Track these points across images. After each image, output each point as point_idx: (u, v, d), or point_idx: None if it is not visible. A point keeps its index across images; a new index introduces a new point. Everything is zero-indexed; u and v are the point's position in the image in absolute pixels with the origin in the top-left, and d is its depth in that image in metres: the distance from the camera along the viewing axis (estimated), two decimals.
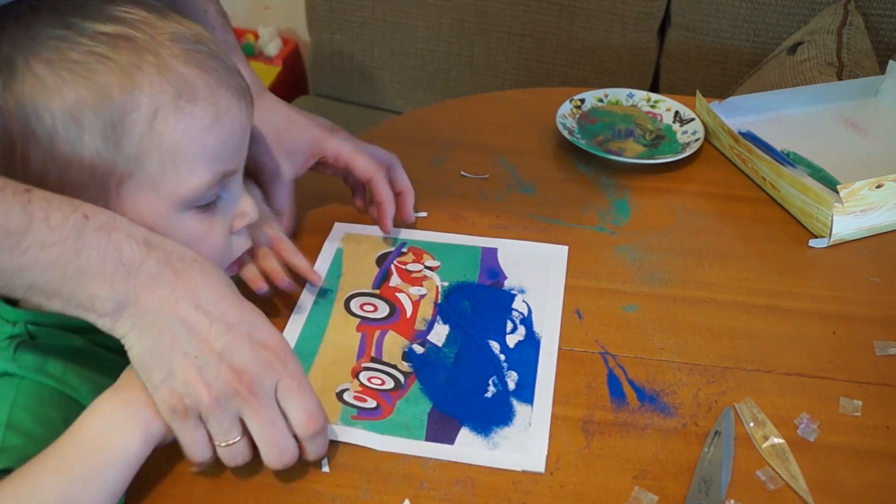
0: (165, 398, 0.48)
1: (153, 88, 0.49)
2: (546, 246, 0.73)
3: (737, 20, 1.39)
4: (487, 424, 0.57)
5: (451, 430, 0.56)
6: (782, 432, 0.56)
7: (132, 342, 0.48)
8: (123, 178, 0.51)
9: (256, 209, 0.59)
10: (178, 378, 0.48)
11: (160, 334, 0.48)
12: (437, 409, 0.58)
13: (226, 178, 0.55)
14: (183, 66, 0.50)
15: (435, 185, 0.81)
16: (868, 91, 0.93)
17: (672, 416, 0.58)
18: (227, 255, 0.58)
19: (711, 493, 0.52)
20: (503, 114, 0.94)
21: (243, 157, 0.57)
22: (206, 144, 0.52)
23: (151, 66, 0.49)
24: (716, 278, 0.70)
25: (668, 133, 0.89)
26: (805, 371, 0.61)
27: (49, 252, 0.45)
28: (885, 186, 0.71)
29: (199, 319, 0.48)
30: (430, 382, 0.60)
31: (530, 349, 0.63)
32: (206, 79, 0.51)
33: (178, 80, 0.50)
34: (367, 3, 1.58)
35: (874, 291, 0.69)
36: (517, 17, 1.52)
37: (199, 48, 0.52)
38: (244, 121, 0.55)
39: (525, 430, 0.56)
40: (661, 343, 0.64)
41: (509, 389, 0.60)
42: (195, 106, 0.51)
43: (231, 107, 0.53)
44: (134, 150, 0.50)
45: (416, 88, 1.64)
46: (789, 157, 0.80)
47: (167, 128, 0.50)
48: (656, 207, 0.79)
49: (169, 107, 0.50)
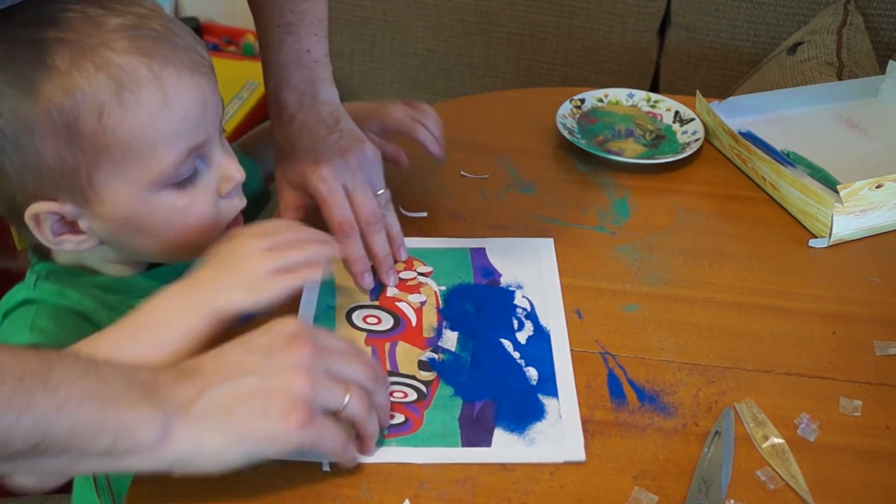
0: (286, 430, 0.47)
1: (92, 86, 0.50)
2: (532, 240, 0.73)
3: (737, 20, 1.39)
4: (520, 421, 0.57)
5: (485, 433, 0.56)
6: (782, 432, 0.56)
7: (205, 440, 0.47)
8: (91, 172, 0.52)
9: (241, 170, 0.60)
10: (274, 406, 0.47)
11: (221, 406, 0.47)
12: (466, 413, 0.57)
13: (197, 151, 0.56)
14: (121, 56, 0.51)
15: (435, 185, 0.81)
16: (868, 91, 0.93)
17: (672, 416, 0.58)
18: (216, 222, 0.60)
19: (711, 493, 0.52)
20: (503, 114, 0.94)
21: (212, 126, 0.57)
22: (160, 128, 0.53)
23: (88, 64, 0.50)
24: (716, 278, 0.70)
25: (668, 133, 0.89)
26: (805, 371, 0.61)
27: (79, 385, 0.43)
28: (885, 186, 0.71)
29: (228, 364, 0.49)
30: (453, 387, 0.59)
31: (542, 343, 0.63)
32: (149, 63, 0.52)
33: (117, 73, 0.50)
34: (367, 3, 1.58)
35: (874, 291, 0.69)
36: (517, 17, 1.52)
37: (140, 33, 0.52)
38: (201, 93, 0.55)
39: (557, 421, 0.57)
40: (661, 343, 0.64)
41: (532, 385, 0.59)
42: (139, 94, 0.51)
43: (181, 84, 0.53)
44: (92, 147, 0.51)
45: (416, 88, 1.64)
46: (789, 157, 0.80)
47: (116, 121, 0.51)
48: (656, 207, 0.79)
49: (112, 101, 0.50)
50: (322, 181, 0.65)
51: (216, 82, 0.57)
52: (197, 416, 0.46)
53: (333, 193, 0.65)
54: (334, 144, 0.67)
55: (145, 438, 0.45)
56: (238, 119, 1.65)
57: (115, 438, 0.44)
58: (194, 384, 0.47)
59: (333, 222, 0.65)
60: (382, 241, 0.67)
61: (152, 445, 0.45)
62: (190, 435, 0.46)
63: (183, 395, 0.47)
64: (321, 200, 0.65)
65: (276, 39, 0.71)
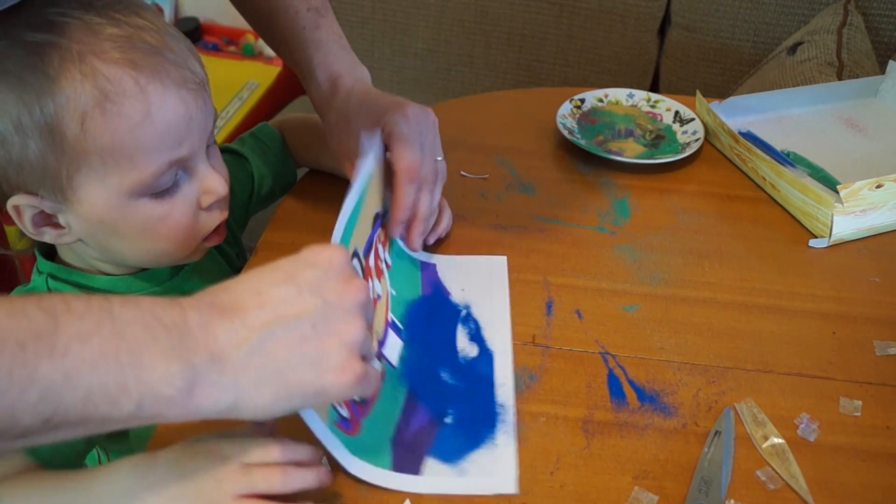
0: (339, 385, 0.44)
1: (77, 93, 0.51)
2: (484, 258, 0.71)
3: (737, 20, 1.39)
4: (452, 451, 0.55)
5: (416, 460, 0.54)
6: (782, 432, 0.56)
7: (249, 394, 0.42)
8: (71, 174, 0.53)
9: (225, 185, 0.60)
10: (330, 359, 0.43)
11: (269, 355, 0.42)
12: (400, 435, 0.55)
13: (180, 164, 0.56)
14: (110, 67, 0.51)
15: None
16: (868, 91, 0.93)
17: (672, 416, 0.58)
18: (192, 233, 0.60)
19: (711, 492, 0.52)
20: (503, 114, 0.94)
21: (197, 141, 0.57)
22: (140, 140, 0.53)
23: (75, 72, 0.51)
24: (716, 278, 0.70)
25: (668, 133, 0.89)
26: (805, 371, 0.61)
27: (91, 346, 0.38)
28: (885, 186, 0.71)
29: (275, 303, 0.43)
30: (389, 408, 0.57)
31: (484, 367, 0.61)
32: (136, 76, 0.52)
33: (102, 83, 0.51)
34: (367, 3, 1.58)
35: (874, 291, 0.69)
36: (517, 17, 1.52)
37: (132, 45, 0.52)
38: (185, 109, 0.55)
39: (492, 450, 0.55)
40: (661, 343, 0.64)
41: (469, 412, 0.57)
42: (122, 105, 0.52)
43: (167, 99, 0.53)
44: (73, 151, 0.52)
45: (416, 88, 1.64)
46: (789, 157, 0.80)
47: (98, 129, 0.52)
48: (656, 207, 0.79)
49: (95, 109, 0.51)
50: (406, 120, 0.65)
51: (208, 97, 0.58)
52: (240, 367, 0.42)
53: (412, 136, 0.64)
54: (410, 102, 0.67)
55: (174, 398, 0.40)
56: (238, 119, 1.65)
57: (140, 402, 0.39)
58: (234, 326, 0.42)
59: (402, 162, 0.63)
60: (430, 201, 0.67)
61: (182, 403, 0.41)
62: (229, 390, 0.42)
63: (222, 339, 0.42)
64: (399, 137, 0.64)
65: (310, 21, 0.71)
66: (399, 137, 0.64)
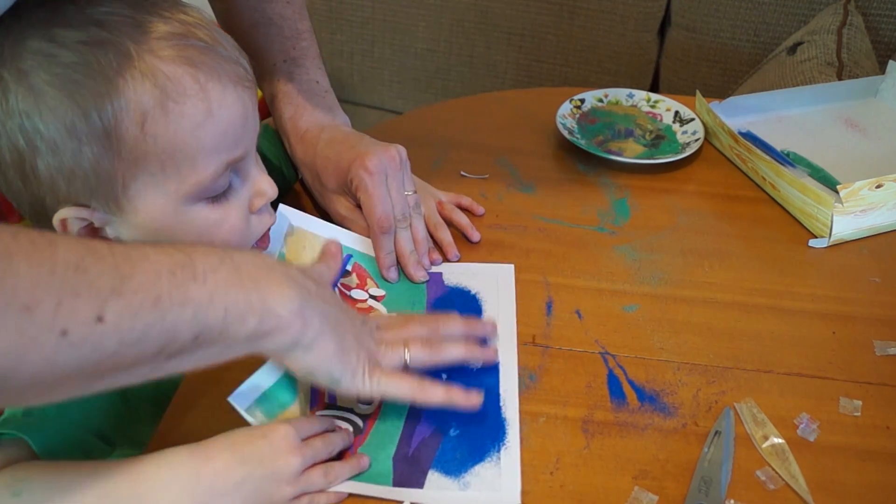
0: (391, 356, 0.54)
1: (137, 94, 0.49)
2: (491, 266, 0.70)
3: (737, 20, 1.39)
4: (456, 464, 0.54)
5: (419, 474, 0.53)
6: (782, 432, 0.56)
7: (318, 340, 0.49)
8: (127, 181, 0.51)
9: (274, 186, 0.59)
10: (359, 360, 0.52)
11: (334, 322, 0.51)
12: (402, 451, 0.55)
13: (234, 165, 0.55)
14: (168, 65, 0.50)
15: (435, 185, 0.81)
16: (868, 91, 0.93)
17: (672, 416, 0.58)
18: (246, 237, 0.59)
19: (711, 492, 0.52)
20: (503, 114, 0.94)
21: (250, 142, 0.56)
22: (202, 140, 0.51)
23: (134, 71, 0.49)
24: (716, 278, 0.70)
25: (668, 133, 0.89)
26: (805, 371, 0.61)
27: (220, 274, 0.45)
28: (884, 186, 0.71)
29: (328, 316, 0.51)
30: (391, 425, 0.57)
31: (490, 378, 0.60)
32: (195, 74, 0.51)
33: (163, 81, 0.49)
34: (367, 4, 1.58)
35: (874, 291, 0.69)
36: (517, 17, 1.52)
37: (187, 43, 0.51)
38: (243, 108, 0.54)
39: (496, 464, 0.54)
40: (660, 343, 0.64)
41: (473, 425, 0.56)
42: (184, 105, 0.50)
43: (226, 97, 0.52)
44: (131, 155, 0.50)
45: (416, 88, 1.64)
46: (789, 157, 0.80)
47: (159, 130, 0.50)
48: (656, 207, 0.79)
49: (157, 109, 0.49)
50: (368, 174, 0.66)
51: (257, 96, 0.57)
52: (321, 314, 0.50)
53: (378, 187, 0.66)
54: (373, 143, 0.68)
55: (285, 317, 0.47)
56: None
57: (261, 319, 0.46)
58: (317, 289, 0.51)
59: (374, 215, 0.66)
60: (408, 238, 0.69)
61: (289, 323, 0.47)
62: (314, 323, 0.49)
63: (312, 289, 0.50)
64: (364, 192, 0.66)
65: (285, 73, 0.72)
66: (364, 192, 0.66)
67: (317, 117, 0.71)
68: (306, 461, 0.51)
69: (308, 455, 0.51)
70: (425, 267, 0.69)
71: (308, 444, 0.51)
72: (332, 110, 0.73)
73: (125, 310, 0.39)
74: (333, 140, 0.70)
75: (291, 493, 0.50)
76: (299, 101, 0.71)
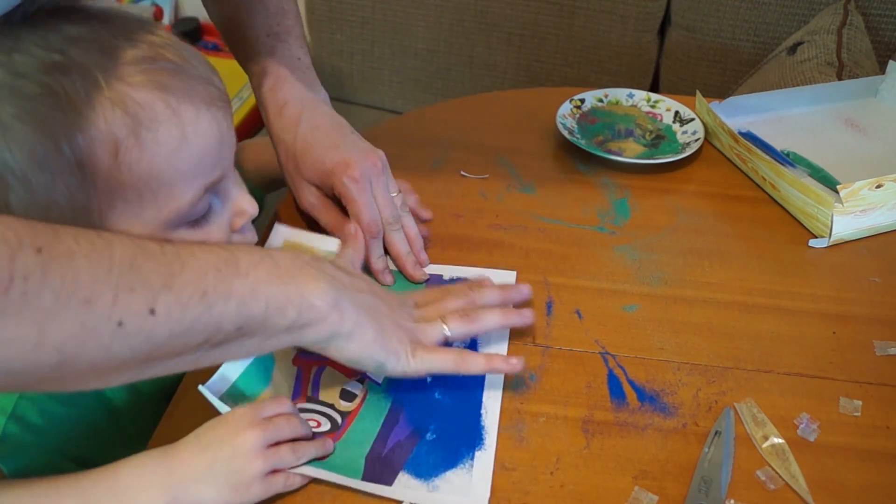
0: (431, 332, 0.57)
1: (108, 123, 0.47)
2: (492, 272, 0.69)
3: (737, 20, 1.39)
4: (427, 468, 0.54)
5: (389, 474, 0.53)
6: (782, 432, 0.56)
7: (356, 330, 0.51)
8: (104, 211, 0.49)
9: (255, 204, 0.58)
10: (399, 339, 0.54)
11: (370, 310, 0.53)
12: (376, 451, 0.55)
13: (212, 188, 0.54)
14: (138, 91, 0.48)
15: (435, 185, 0.81)
16: (868, 91, 0.93)
17: (672, 416, 0.58)
18: None
19: (711, 492, 0.52)
20: (503, 114, 0.94)
21: (228, 162, 0.55)
22: (178, 166, 0.50)
23: (104, 100, 0.47)
24: (716, 278, 0.70)
25: (668, 133, 0.89)
26: (805, 371, 0.61)
27: (262, 269, 0.48)
28: (884, 186, 0.71)
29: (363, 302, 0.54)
30: (369, 424, 0.57)
31: (474, 385, 0.60)
32: (167, 99, 0.49)
33: (134, 109, 0.47)
34: (368, 4, 1.58)
35: (874, 291, 0.69)
36: (517, 17, 1.52)
37: (157, 66, 0.49)
38: (218, 130, 0.52)
39: (467, 472, 0.54)
40: (660, 343, 0.64)
41: (450, 430, 0.56)
42: (157, 132, 0.48)
43: (200, 120, 0.50)
44: (106, 186, 0.48)
45: (416, 88, 1.64)
46: (789, 157, 0.80)
47: (133, 159, 0.48)
48: (656, 207, 0.79)
49: (130, 138, 0.47)
50: (353, 181, 0.67)
51: (231, 114, 0.55)
52: (357, 304, 0.52)
53: (364, 194, 0.67)
54: (355, 146, 0.69)
55: (322, 308, 0.49)
56: (238, 119, 1.64)
57: (300, 311, 0.49)
58: (350, 280, 0.54)
59: (363, 222, 0.67)
60: (402, 240, 0.70)
61: (326, 315, 0.50)
62: (351, 314, 0.51)
63: (346, 281, 0.53)
64: (350, 200, 0.67)
65: (267, 46, 0.72)
66: (351, 200, 0.67)
67: (297, 90, 0.71)
68: (267, 436, 0.52)
69: (269, 430, 0.52)
70: (423, 263, 0.70)
71: (269, 421, 0.53)
72: (312, 86, 0.72)
73: (175, 303, 0.43)
74: (317, 126, 0.70)
75: (262, 467, 0.51)
76: (280, 73, 0.71)
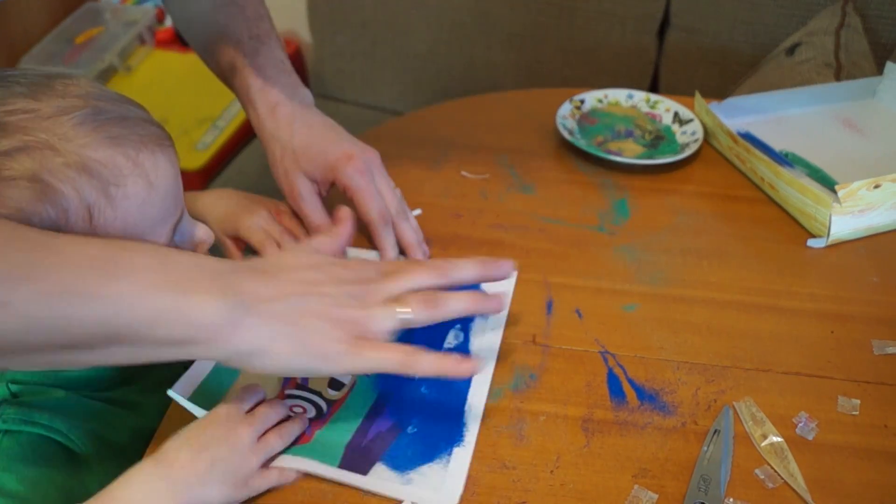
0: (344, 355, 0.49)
1: (78, 192, 0.47)
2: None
3: (736, 21, 1.39)
4: (404, 460, 0.54)
5: (365, 463, 0.54)
6: (781, 431, 0.57)
7: (271, 343, 0.47)
8: None
9: (209, 231, 0.59)
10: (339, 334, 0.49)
11: (294, 314, 0.48)
12: (356, 440, 0.55)
13: (177, 226, 0.54)
14: (95, 150, 0.47)
15: (435, 185, 0.81)
16: (866, 92, 0.93)
17: (671, 415, 0.58)
18: None
19: (711, 491, 0.52)
20: (503, 114, 0.94)
21: (181, 199, 0.55)
22: (149, 214, 0.51)
23: (65, 169, 0.46)
24: (715, 278, 0.70)
25: (668, 134, 0.89)
26: (804, 370, 0.62)
27: (140, 275, 0.44)
28: (882, 186, 0.72)
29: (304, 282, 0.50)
30: (352, 413, 0.57)
31: (461, 381, 0.60)
32: (124, 151, 0.49)
33: (98, 170, 0.47)
34: (368, 5, 1.58)
35: (872, 291, 0.69)
36: (517, 18, 1.52)
37: (101, 120, 0.49)
38: (173, 169, 0.53)
39: (443, 467, 0.54)
40: (660, 342, 0.64)
41: (432, 424, 0.57)
42: (126, 187, 0.49)
43: (158, 164, 0.51)
44: None
45: (416, 89, 1.64)
46: (788, 158, 0.80)
47: (107, 218, 0.48)
48: (656, 207, 0.79)
49: (101, 200, 0.48)
50: (358, 172, 0.68)
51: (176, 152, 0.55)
52: (269, 315, 0.47)
53: (370, 185, 0.68)
54: (353, 142, 0.71)
55: (207, 327, 0.45)
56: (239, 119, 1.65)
57: (172, 327, 0.44)
58: (269, 285, 0.48)
59: (372, 212, 0.68)
60: (410, 229, 0.71)
61: (215, 334, 0.45)
62: (257, 331, 0.46)
63: (260, 290, 0.48)
64: (357, 191, 0.68)
65: (251, 48, 0.72)
66: (358, 191, 0.68)
67: (286, 92, 0.72)
68: (257, 428, 0.52)
69: (257, 422, 0.53)
70: (426, 255, 0.72)
71: (254, 414, 0.53)
72: (297, 88, 0.74)
73: (33, 296, 0.40)
74: (312, 125, 0.71)
75: (257, 462, 0.51)
76: (267, 74, 0.72)
